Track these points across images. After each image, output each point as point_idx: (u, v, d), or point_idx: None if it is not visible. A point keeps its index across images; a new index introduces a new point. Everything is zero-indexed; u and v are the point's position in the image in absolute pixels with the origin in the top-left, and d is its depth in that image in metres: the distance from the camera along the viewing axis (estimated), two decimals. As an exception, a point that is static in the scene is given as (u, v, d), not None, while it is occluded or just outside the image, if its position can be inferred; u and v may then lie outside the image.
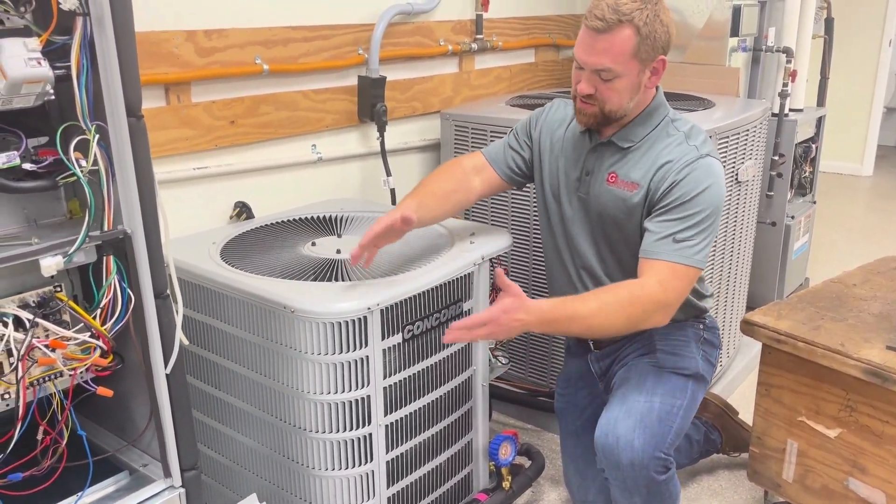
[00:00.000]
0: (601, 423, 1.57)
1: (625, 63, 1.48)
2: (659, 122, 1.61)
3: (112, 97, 1.01)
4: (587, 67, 1.51)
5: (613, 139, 1.61)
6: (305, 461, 1.55)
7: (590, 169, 1.65)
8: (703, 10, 2.70)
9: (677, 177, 1.52)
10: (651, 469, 1.48)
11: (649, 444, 1.49)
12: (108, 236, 1.05)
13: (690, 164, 1.53)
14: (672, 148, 1.57)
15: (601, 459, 1.55)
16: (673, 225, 1.51)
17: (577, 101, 1.58)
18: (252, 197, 2.05)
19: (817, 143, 3.15)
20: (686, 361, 1.67)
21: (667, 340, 1.69)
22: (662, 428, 1.52)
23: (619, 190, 1.60)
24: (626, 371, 1.67)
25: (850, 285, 1.99)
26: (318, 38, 2.14)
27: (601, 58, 1.48)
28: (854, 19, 5.33)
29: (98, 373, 1.11)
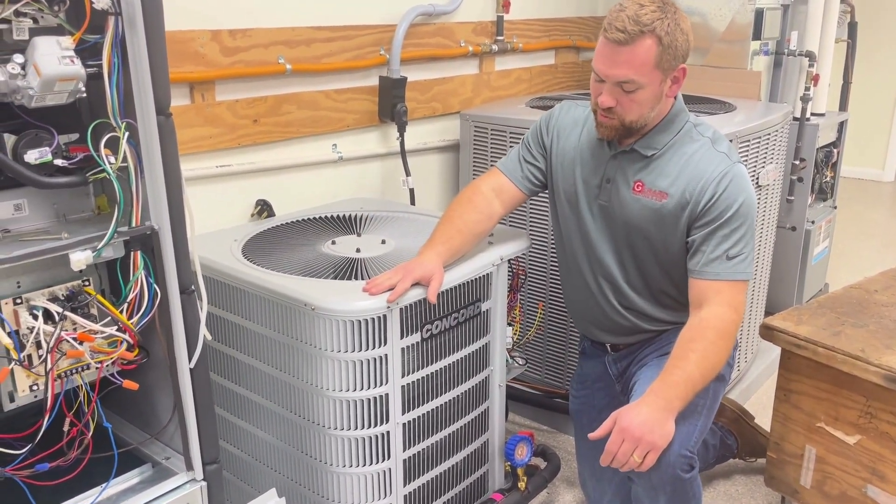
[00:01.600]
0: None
1: (648, 74, 1.47)
2: (681, 127, 1.60)
3: (142, 95, 1.03)
4: (609, 80, 1.49)
5: (636, 147, 1.60)
6: (324, 457, 1.57)
7: (611, 176, 1.64)
8: (725, 14, 2.69)
9: (717, 190, 1.52)
10: (677, 467, 1.48)
11: (675, 443, 1.47)
12: (135, 232, 1.07)
13: (725, 174, 1.53)
14: (702, 155, 1.57)
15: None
16: (723, 242, 1.52)
17: (597, 114, 1.57)
18: (273, 195, 2.07)
19: (839, 147, 3.13)
20: None
21: None
22: (688, 427, 1.51)
23: (647, 199, 1.59)
24: (647, 370, 1.66)
25: (872, 291, 1.98)
26: (341, 38, 2.16)
27: (624, 70, 1.46)
28: (878, 24, 5.27)
29: (124, 366, 1.13)
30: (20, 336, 1.03)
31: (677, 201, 1.56)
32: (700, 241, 1.54)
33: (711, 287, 1.52)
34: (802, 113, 2.82)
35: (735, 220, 1.52)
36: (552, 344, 2.34)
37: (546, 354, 2.37)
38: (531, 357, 2.37)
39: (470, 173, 2.43)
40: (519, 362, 1.92)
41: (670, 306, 1.70)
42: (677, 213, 1.56)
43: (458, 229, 1.65)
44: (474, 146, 2.39)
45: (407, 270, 1.51)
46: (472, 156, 2.41)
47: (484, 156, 2.37)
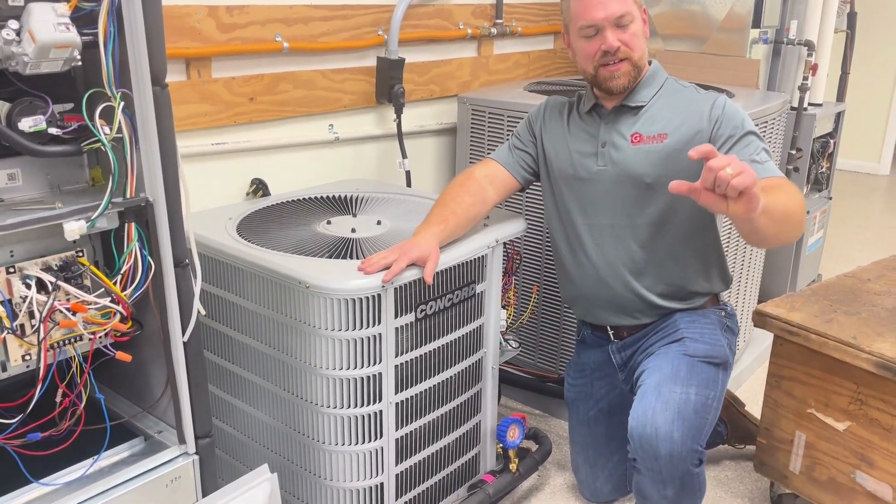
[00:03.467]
0: (637, 413, 1.53)
1: (633, 5, 1.57)
2: (663, 82, 1.68)
3: (138, 65, 1.02)
4: (608, 21, 1.55)
5: (625, 103, 1.66)
6: (316, 435, 1.57)
7: (606, 140, 1.67)
8: (724, 3, 2.68)
9: (719, 112, 1.59)
10: (688, 462, 1.48)
11: (688, 437, 1.48)
12: (130, 203, 1.06)
13: (718, 100, 1.61)
14: (691, 95, 1.66)
15: (637, 450, 1.52)
16: (745, 151, 1.54)
17: (604, 68, 1.60)
18: (268, 174, 2.06)
19: (835, 138, 3.13)
20: (715, 350, 1.66)
21: (693, 328, 1.68)
22: (699, 420, 1.51)
23: (648, 145, 1.63)
24: (655, 359, 1.65)
25: (865, 280, 1.99)
26: (338, 17, 2.14)
27: (618, 5, 1.55)
28: (878, 15, 5.27)
29: (117, 338, 1.12)
30: (13, 305, 1.02)
31: (679, 136, 1.61)
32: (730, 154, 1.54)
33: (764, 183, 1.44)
34: (800, 102, 2.82)
35: (747, 133, 1.56)
36: (546, 328, 2.35)
37: (539, 338, 2.37)
38: (524, 341, 2.38)
39: (467, 157, 2.42)
40: (512, 345, 1.92)
41: (680, 275, 1.69)
42: (685, 147, 1.55)
43: (454, 211, 1.65)
44: (471, 130, 2.39)
45: (403, 251, 1.51)
46: (469, 139, 2.40)
47: (481, 139, 2.37)
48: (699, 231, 1.68)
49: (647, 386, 1.59)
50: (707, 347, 1.66)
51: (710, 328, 1.70)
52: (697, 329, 1.69)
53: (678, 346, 1.66)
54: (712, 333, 1.69)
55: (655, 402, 1.53)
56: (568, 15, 1.63)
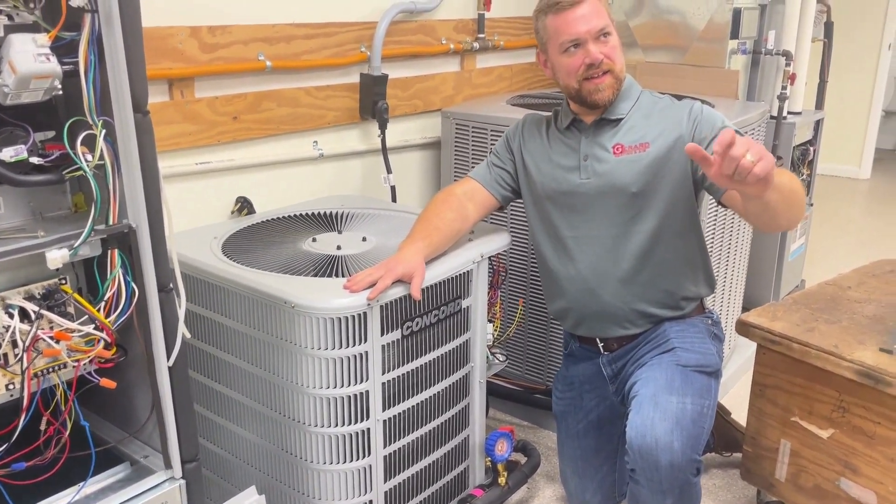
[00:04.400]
0: (636, 424, 1.52)
1: (608, 19, 1.62)
2: (638, 95, 1.72)
3: (119, 93, 1.03)
4: (590, 35, 1.58)
5: (604, 116, 1.68)
6: (304, 455, 1.57)
7: (588, 153, 1.69)
8: (703, 13, 2.71)
9: (697, 116, 1.63)
10: (688, 471, 1.48)
11: (687, 447, 1.48)
12: (113, 230, 1.07)
13: (694, 106, 1.66)
14: (668, 104, 1.70)
15: (636, 460, 1.51)
16: None
17: (589, 81, 1.62)
18: (253, 192, 2.06)
19: (815, 146, 3.17)
20: (707, 358, 1.67)
21: (683, 337, 1.69)
22: (696, 430, 1.52)
23: (631, 155, 1.65)
24: (648, 370, 1.65)
25: (845, 287, 2.01)
26: (321, 35, 2.15)
27: (598, 19, 1.59)
28: (853, 23, 5.35)
29: (101, 364, 1.12)
30: (-4, 335, 1.02)
31: (661, 144, 1.64)
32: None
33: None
34: (779, 112, 2.86)
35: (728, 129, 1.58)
36: (532, 340, 2.36)
37: (527, 350, 2.38)
38: (511, 353, 2.39)
39: (451, 171, 2.43)
40: (499, 359, 1.93)
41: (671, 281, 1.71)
42: (668, 153, 1.62)
43: (437, 227, 1.66)
44: (455, 144, 2.40)
45: (389, 268, 1.52)
46: (454, 154, 2.42)
47: (465, 154, 2.38)
48: (686, 234, 1.70)
49: (642, 396, 1.58)
50: (698, 356, 1.67)
51: (700, 337, 1.72)
52: (688, 338, 1.70)
53: (670, 357, 1.67)
54: (702, 342, 1.70)
55: (653, 413, 1.52)
56: (545, 33, 1.64)
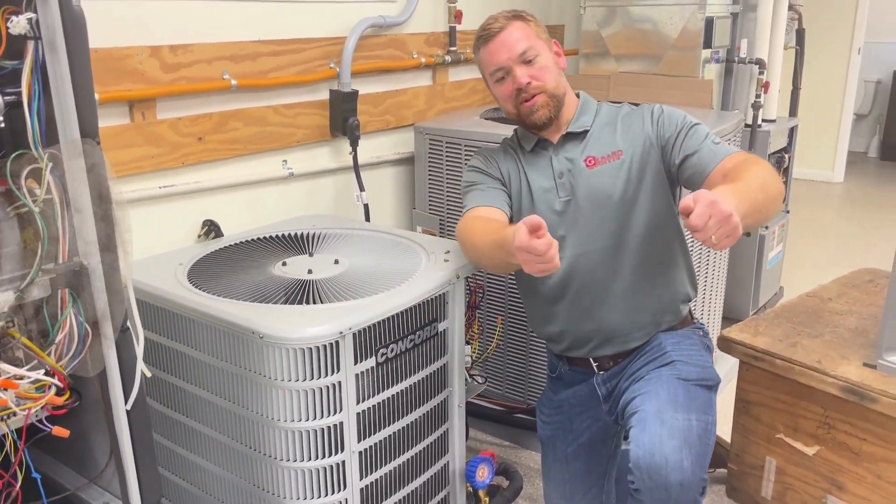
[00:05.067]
0: (643, 441, 1.44)
1: (535, 41, 1.64)
2: (597, 107, 1.74)
3: (66, 123, 0.97)
4: (513, 61, 1.62)
5: (570, 130, 1.69)
6: (276, 490, 1.50)
7: (562, 170, 1.67)
8: (676, 22, 2.70)
9: (659, 114, 1.66)
10: (696, 491, 1.42)
11: (696, 465, 1.42)
12: (62, 269, 1.00)
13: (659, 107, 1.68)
14: (629, 110, 1.72)
15: (644, 480, 1.43)
16: (700, 138, 1.59)
17: (524, 105, 1.64)
18: (220, 215, 2.00)
19: (790, 153, 3.17)
20: (706, 372, 1.62)
21: (679, 349, 1.63)
22: (703, 448, 1.46)
23: (606, 164, 1.65)
24: (648, 384, 1.58)
25: (826, 299, 1.99)
26: (288, 52, 2.10)
27: (519, 44, 1.62)
28: (823, 29, 5.39)
29: (53, 411, 1.05)
30: (-63, 384, 0.95)
31: (633, 149, 1.64)
32: (685, 147, 1.59)
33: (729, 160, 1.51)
34: (754, 120, 2.85)
35: (690, 124, 1.62)
36: (512, 358, 2.31)
37: (506, 369, 2.33)
38: (491, 372, 2.34)
39: (426, 187, 2.39)
40: (478, 381, 1.88)
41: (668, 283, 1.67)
42: (641, 157, 1.63)
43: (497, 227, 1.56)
44: (429, 159, 2.35)
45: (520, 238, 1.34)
46: (428, 169, 2.37)
47: (439, 169, 2.34)
48: (670, 234, 1.68)
49: (645, 413, 1.51)
50: (698, 370, 1.61)
51: (696, 349, 1.66)
52: (685, 351, 1.65)
53: (669, 370, 1.60)
54: (699, 354, 1.65)
55: (661, 430, 1.45)
56: (481, 66, 1.70)
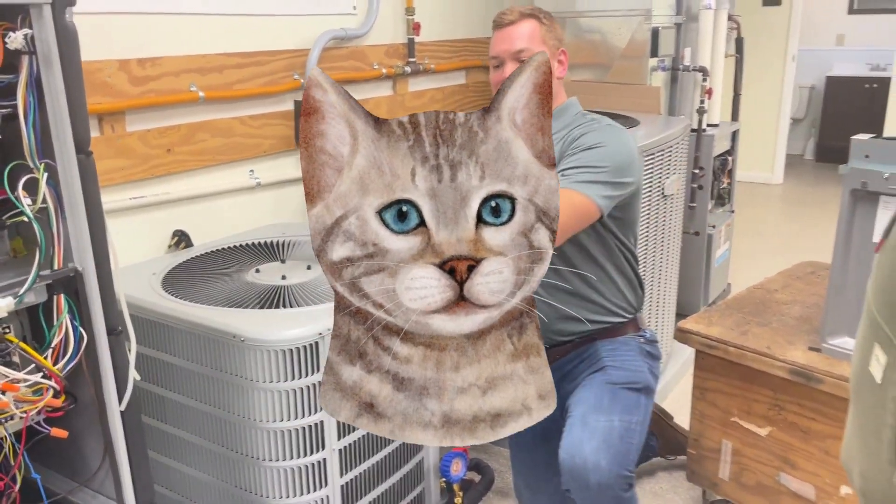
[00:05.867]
0: (565, 445, 1.58)
1: (537, 45, 1.68)
2: (572, 115, 1.75)
3: (60, 135, 1.01)
4: (507, 55, 1.69)
5: None
6: (260, 490, 1.54)
7: None
8: (624, 32, 2.83)
9: (580, 130, 1.66)
10: (617, 488, 1.52)
11: (615, 464, 1.53)
12: (58, 275, 1.04)
13: (594, 122, 1.69)
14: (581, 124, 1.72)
15: (568, 481, 1.56)
16: (576, 161, 1.58)
17: None
18: (190, 225, 2.02)
19: (733, 155, 3.33)
20: (636, 376, 1.72)
21: (614, 356, 1.74)
22: (625, 446, 1.56)
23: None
24: (581, 391, 1.70)
25: (772, 290, 2.12)
26: (253, 64, 2.14)
27: (518, 42, 1.68)
28: (760, 37, 5.65)
29: (50, 414, 1.08)
30: (-64, 391, 0.98)
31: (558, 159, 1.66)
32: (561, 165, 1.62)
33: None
34: (699, 125, 3.00)
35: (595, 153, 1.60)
36: (479, 358, 2.38)
37: (473, 369, 2.40)
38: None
39: (389, 194, 2.44)
40: (449, 379, 1.94)
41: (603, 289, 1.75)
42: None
43: None
44: (392, 167, 2.41)
45: None
46: (391, 177, 2.43)
47: (402, 176, 2.40)
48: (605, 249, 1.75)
49: (573, 418, 1.64)
50: (628, 374, 1.72)
51: (631, 355, 1.77)
52: (619, 357, 1.76)
53: (601, 375, 1.72)
54: (633, 360, 1.76)
55: (582, 433, 1.58)
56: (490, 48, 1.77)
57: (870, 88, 6.51)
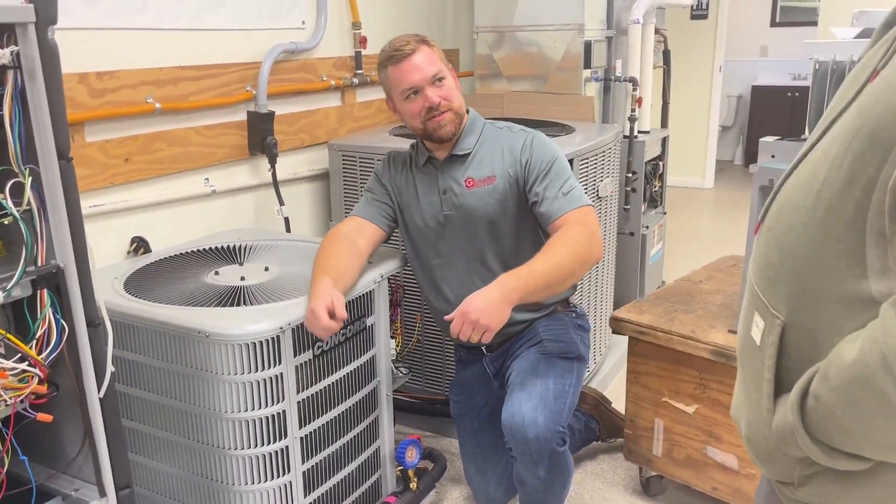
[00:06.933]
0: (507, 406, 1.76)
1: (443, 65, 1.82)
2: (482, 127, 1.93)
3: (43, 142, 1.09)
4: (426, 82, 1.79)
5: (454, 153, 1.88)
6: (226, 479, 1.63)
7: (445, 187, 1.89)
8: (559, 45, 3.01)
9: (528, 154, 1.83)
10: (553, 442, 1.70)
11: (550, 420, 1.71)
12: (42, 271, 1.12)
13: (528, 139, 1.86)
14: (506, 137, 1.89)
15: (510, 438, 1.74)
16: (553, 186, 1.79)
17: (431, 121, 1.82)
18: (148, 232, 2.10)
19: (664, 160, 3.55)
20: (569, 346, 1.90)
21: (549, 331, 1.91)
22: (558, 405, 1.75)
23: (481, 188, 1.86)
24: (519, 361, 1.88)
25: (697, 282, 2.31)
26: (207, 76, 2.23)
27: (429, 67, 1.79)
28: (688, 50, 5.96)
29: (33, 401, 1.16)
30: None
31: (505, 178, 1.84)
32: (537, 195, 1.81)
33: (561, 220, 1.77)
34: (631, 131, 3.19)
35: (554, 167, 1.81)
36: (430, 353, 2.51)
37: (425, 364, 2.53)
38: (411, 367, 2.52)
39: (341, 199, 2.56)
40: (403, 371, 2.06)
41: None
42: (510, 187, 1.84)
43: (333, 263, 1.75)
44: (344, 174, 2.53)
45: (314, 308, 1.59)
46: (343, 183, 2.54)
47: (354, 182, 2.51)
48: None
49: (513, 384, 1.83)
50: (562, 345, 1.91)
51: (564, 329, 1.95)
52: (553, 331, 1.94)
53: (537, 348, 1.91)
54: (566, 333, 1.94)
55: (521, 395, 1.77)
56: (388, 83, 1.84)
57: (792, 97, 6.91)
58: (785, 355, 0.87)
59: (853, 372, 0.75)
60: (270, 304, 1.68)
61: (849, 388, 0.76)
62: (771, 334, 0.88)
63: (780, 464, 0.90)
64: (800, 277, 0.84)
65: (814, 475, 0.87)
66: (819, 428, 0.82)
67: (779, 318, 0.87)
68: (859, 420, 0.77)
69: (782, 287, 0.87)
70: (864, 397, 0.75)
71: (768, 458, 0.92)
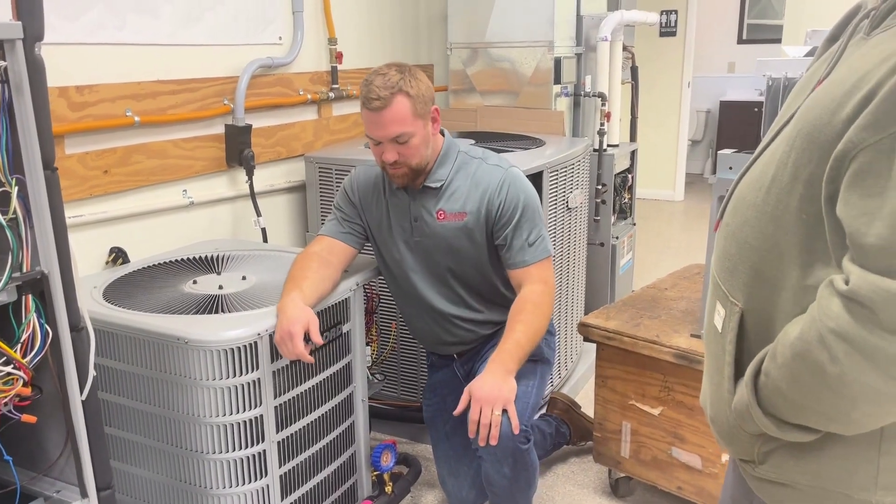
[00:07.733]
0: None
1: (412, 124, 1.77)
2: (455, 157, 1.94)
3: (29, 153, 1.14)
4: (385, 140, 1.78)
5: (427, 184, 1.91)
6: (205, 483, 1.67)
7: (417, 215, 1.94)
8: (530, 61, 3.10)
9: (500, 197, 1.87)
10: (516, 440, 1.76)
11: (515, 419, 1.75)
12: (27, 277, 1.16)
13: (503, 182, 1.88)
14: (481, 172, 1.91)
15: (475, 439, 1.77)
16: (520, 234, 1.87)
17: (386, 169, 1.87)
18: (127, 242, 2.13)
19: (632, 173, 3.64)
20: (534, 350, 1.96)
21: None
22: (521, 405, 1.81)
23: (451, 222, 1.91)
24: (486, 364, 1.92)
25: (663, 289, 2.39)
26: (185, 90, 2.28)
27: (393, 128, 1.76)
28: (658, 66, 6.10)
29: (18, 403, 1.20)
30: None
31: (475, 216, 1.89)
32: (504, 239, 1.88)
33: (525, 272, 1.87)
34: (600, 145, 3.29)
35: (524, 214, 1.87)
36: (405, 361, 2.56)
37: (400, 371, 2.58)
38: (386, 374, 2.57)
39: (318, 211, 2.61)
40: (378, 378, 2.12)
41: (502, 304, 1.98)
42: (479, 225, 1.90)
43: (304, 276, 1.79)
44: (320, 186, 2.59)
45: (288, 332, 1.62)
46: (319, 195, 2.60)
47: (330, 194, 2.57)
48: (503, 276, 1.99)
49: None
50: None
51: None
52: None
53: None
54: None
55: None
56: (362, 119, 1.83)
57: (759, 112, 7.06)
58: (744, 340, 0.95)
59: (794, 348, 0.83)
60: (248, 311, 1.72)
61: (791, 363, 0.84)
62: (731, 321, 0.96)
63: (741, 442, 0.98)
64: (755, 267, 0.92)
65: (771, 451, 0.95)
66: (769, 402, 0.89)
67: (737, 305, 0.95)
68: (801, 392, 0.84)
69: (740, 276, 0.95)
70: (804, 371, 0.83)
71: (730, 437, 0.99)
